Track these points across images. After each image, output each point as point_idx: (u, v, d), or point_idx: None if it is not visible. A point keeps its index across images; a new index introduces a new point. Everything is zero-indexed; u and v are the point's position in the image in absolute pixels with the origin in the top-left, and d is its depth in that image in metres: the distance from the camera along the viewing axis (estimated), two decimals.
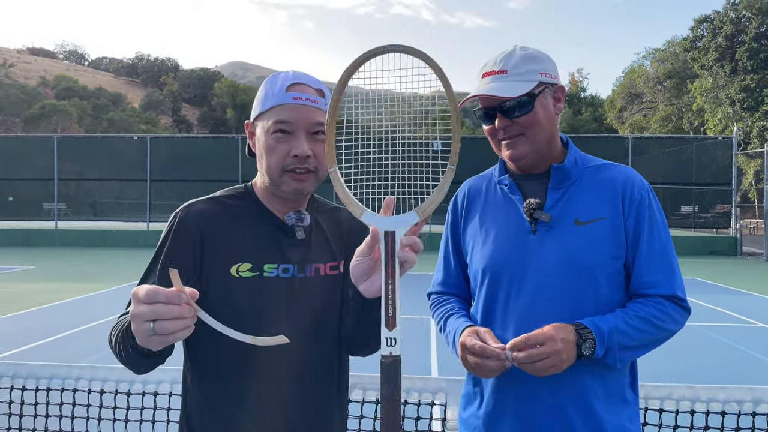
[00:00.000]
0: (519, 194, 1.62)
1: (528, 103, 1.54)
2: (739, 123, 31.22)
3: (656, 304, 1.52)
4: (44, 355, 6.56)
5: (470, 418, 1.66)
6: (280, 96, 1.41)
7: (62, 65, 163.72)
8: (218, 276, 1.39)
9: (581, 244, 1.52)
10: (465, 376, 1.73)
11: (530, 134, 1.56)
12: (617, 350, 1.45)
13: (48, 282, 12.28)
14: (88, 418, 2.38)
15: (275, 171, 1.41)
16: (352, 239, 1.62)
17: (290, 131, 1.40)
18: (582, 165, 1.63)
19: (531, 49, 1.61)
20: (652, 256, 1.54)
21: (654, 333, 1.50)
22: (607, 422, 1.51)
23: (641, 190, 1.57)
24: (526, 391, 1.53)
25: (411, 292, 10.15)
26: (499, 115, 1.57)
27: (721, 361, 6.72)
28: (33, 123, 72.14)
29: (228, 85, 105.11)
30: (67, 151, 23.40)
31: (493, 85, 1.55)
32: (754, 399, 2.08)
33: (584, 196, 1.57)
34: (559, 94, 1.61)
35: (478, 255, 1.65)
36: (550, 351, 1.38)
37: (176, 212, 1.46)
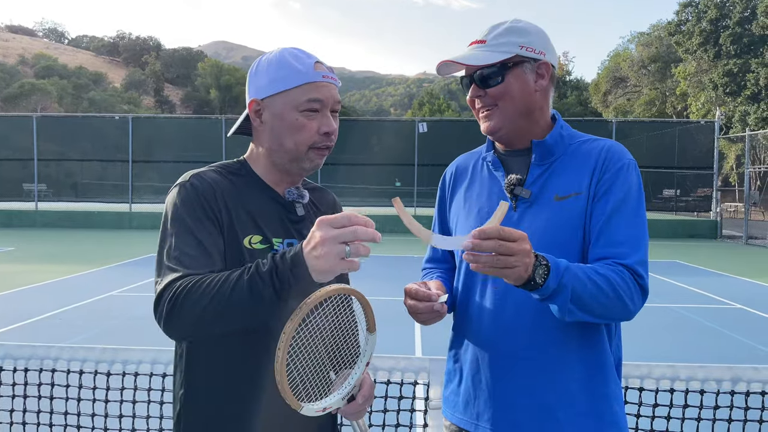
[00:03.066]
0: (502, 170, 1.61)
1: (498, 74, 1.52)
2: (722, 107, 31.49)
3: (618, 271, 1.41)
4: (24, 336, 6.49)
5: (450, 396, 1.67)
6: (312, 73, 1.40)
7: (41, 43, 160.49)
8: (233, 245, 1.37)
9: (558, 220, 1.50)
10: (447, 355, 1.73)
11: (502, 107, 1.54)
12: (569, 293, 1.34)
13: (28, 263, 12.13)
14: (68, 398, 2.35)
15: (303, 147, 1.41)
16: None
17: (319, 109, 1.41)
18: (568, 140, 1.59)
19: (523, 22, 1.57)
20: (620, 225, 1.46)
21: (609, 295, 1.38)
22: (586, 404, 1.49)
23: (618, 161, 1.51)
24: (502, 370, 1.52)
25: (395, 273, 10.25)
26: (473, 85, 1.57)
27: (701, 341, 6.83)
28: (12, 102, 70.78)
29: (212, 65, 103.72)
30: (47, 131, 23.03)
31: (467, 53, 1.55)
32: (732, 378, 2.11)
33: (566, 172, 1.55)
34: (542, 70, 1.55)
35: (460, 231, 1.64)
36: (519, 249, 1.26)
37: (183, 181, 1.38)
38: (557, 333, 1.48)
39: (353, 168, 22.45)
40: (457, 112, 74.61)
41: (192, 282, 1.20)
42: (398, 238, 18.87)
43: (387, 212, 21.20)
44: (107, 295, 8.83)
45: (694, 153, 22.18)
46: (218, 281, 1.19)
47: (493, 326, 1.53)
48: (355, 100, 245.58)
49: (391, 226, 20.58)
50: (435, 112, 70.96)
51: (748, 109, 33.51)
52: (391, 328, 7.25)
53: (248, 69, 1.53)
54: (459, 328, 1.65)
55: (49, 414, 2.37)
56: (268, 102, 1.42)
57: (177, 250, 1.29)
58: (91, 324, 7.17)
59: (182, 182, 1.39)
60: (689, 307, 8.59)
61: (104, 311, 7.87)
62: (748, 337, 7.01)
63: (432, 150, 21.07)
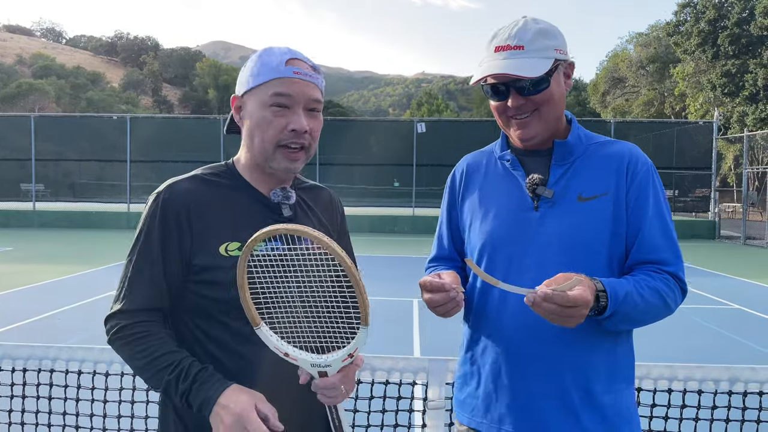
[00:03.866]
0: (521, 170, 1.58)
1: (544, 80, 1.49)
2: (720, 108, 31.50)
3: (665, 280, 1.48)
4: (23, 336, 6.48)
5: (467, 399, 1.63)
6: (280, 69, 1.38)
7: (39, 43, 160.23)
8: (207, 255, 1.37)
9: (584, 220, 1.49)
10: (459, 358, 1.70)
11: (543, 112, 1.52)
12: (620, 318, 1.41)
13: (26, 263, 12.11)
14: (66, 398, 2.35)
15: (269, 145, 1.39)
16: (343, 227, 1.65)
17: (289, 105, 1.38)
18: (586, 141, 1.59)
19: (542, 22, 1.54)
20: (658, 233, 1.50)
21: (659, 307, 1.47)
22: (607, 404, 1.49)
23: (645, 165, 1.54)
24: (524, 371, 1.50)
25: (394, 273, 10.21)
26: (513, 92, 1.51)
27: (699, 342, 6.84)
28: (9, 102, 70.64)
29: (210, 65, 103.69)
30: (44, 130, 22.97)
31: (511, 62, 1.48)
32: (730, 378, 2.11)
33: (588, 172, 1.54)
34: (569, 70, 1.57)
35: (477, 231, 1.60)
36: (578, 314, 1.32)
37: (158, 192, 1.42)
38: (582, 334, 1.45)
39: (352, 168, 22.43)
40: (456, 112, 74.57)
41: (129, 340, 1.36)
42: (397, 239, 18.86)
43: (384, 212, 21.23)
44: (105, 295, 8.82)
45: (692, 153, 22.20)
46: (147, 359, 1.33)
47: (515, 327, 1.50)
48: (353, 101, 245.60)
49: (389, 227, 20.60)
50: (433, 113, 70.96)
51: (746, 109, 33.55)
52: (389, 329, 7.25)
53: None
54: (476, 329, 1.62)
55: (48, 414, 2.37)
56: (246, 98, 1.43)
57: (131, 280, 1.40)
58: (90, 324, 7.15)
59: (156, 194, 1.42)
60: (687, 308, 8.60)
61: (102, 311, 7.80)
62: (746, 337, 7.03)
63: (430, 150, 21.07)
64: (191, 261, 1.38)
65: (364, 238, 16.32)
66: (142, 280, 1.38)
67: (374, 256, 13.03)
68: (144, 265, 1.39)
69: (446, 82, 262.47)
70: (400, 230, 20.54)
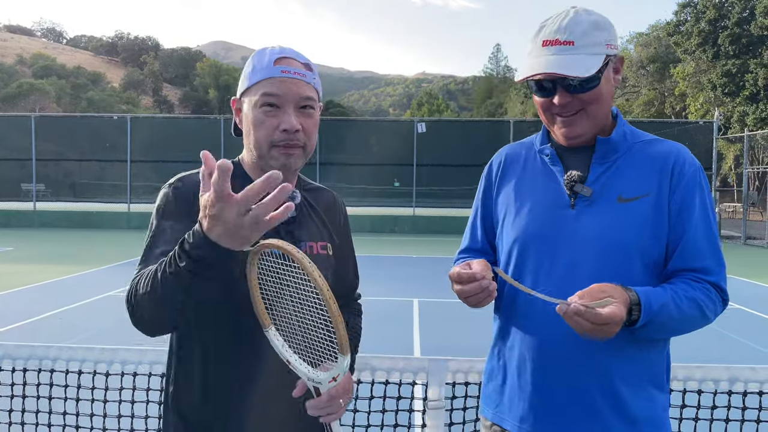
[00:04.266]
0: (560, 165, 1.52)
1: (594, 78, 1.41)
2: (721, 108, 31.49)
3: (705, 290, 1.42)
4: (23, 336, 6.49)
5: (492, 394, 1.61)
6: (269, 69, 1.39)
7: (40, 43, 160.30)
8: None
9: (622, 222, 1.43)
10: (489, 351, 1.66)
11: (591, 110, 1.45)
12: (654, 328, 1.37)
13: (27, 263, 12.11)
14: (66, 398, 2.35)
15: (264, 145, 1.40)
16: (346, 229, 1.65)
17: (279, 105, 1.38)
18: (631, 139, 1.52)
19: (595, 13, 1.45)
20: (702, 240, 1.43)
21: (696, 318, 1.42)
22: (637, 410, 1.44)
23: (692, 168, 1.47)
24: (550, 371, 1.46)
25: (394, 273, 10.20)
26: (560, 90, 1.44)
27: (699, 341, 6.82)
28: (10, 102, 70.66)
29: (210, 65, 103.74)
30: (45, 130, 22.97)
31: (560, 59, 1.40)
32: (730, 378, 2.11)
33: (630, 172, 1.47)
34: (619, 65, 1.49)
35: (510, 226, 1.56)
36: (609, 331, 1.29)
37: (170, 183, 1.43)
38: (611, 338, 1.39)
39: (352, 168, 22.42)
40: (456, 112, 74.56)
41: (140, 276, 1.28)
42: (397, 238, 18.87)
43: (384, 212, 21.22)
44: (106, 295, 8.82)
45: (692, 153, 21.92)
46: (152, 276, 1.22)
47: (542, 326, 1.46)
48: (354, 100, 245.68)
49: (390, 227, 20.60)
50: (434, 112, 70.97)
51: (746, 109, 33.54)
52: (389, 328, 7.25)
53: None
54: (505, 324, 1.58)
55: (48, 414, 2.37)
56: (243, 100, 1.45)
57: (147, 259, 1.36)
58: (90, 324, 7.16)
59: (168, 185, 1.43)
60: None
61: (103, 311, 7.86)
62: (746, 337, 7.03)
63: (431, 150, 21.06)
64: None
65: (364, 238, 16.32)
66: (156, 255, 1.35)
67: (375, 256, 13.02)
68: (161, 240, 1.37)
69: (447, 82, 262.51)
70: (400, 230, 20.53)
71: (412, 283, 10.06)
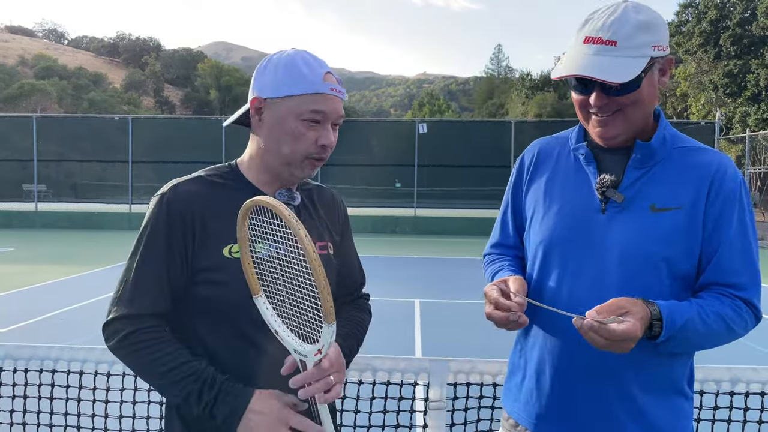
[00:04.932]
0: (594, 166, 1.46)
1: (635, 81, 1.34)
2: (722, 108, 31.47)
3: (734, 306, 1.38)
4: (25, 337, 6.49)
5: (513, 389, 1.59)
6: (319, 84, 1.38)
7: (41, 44, 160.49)
8: (212, 257, 1.37)
9: (654, 232, 1.37)
10: (513, 345, 1.65)
11: (629, 112, 1.38)
12: (676, 343, 1.34)
13: (28, 264, 12.12)
14: (68, 399, 2.35)
15: (299, 156, 1.41)
16: (346, 226, 1.65)
17: (321, 121, 1.40)
18: (671, 144, 1.45)
19: (644, 10, 1.37)
20: (737, 255, 1.38)
21: (722, 334, 1.38)
22: (657, 417, 1.41)
23: (733, 181, 1.40)
24: (568, 373, 1.44)
25: (396, 274, 10.19)
26: (597, 91, 1.37)
27: None
28: (11, 103, 70.73)
29: (212, 65, 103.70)
30: (46, 131, 22.99)
31: (600, 60, 1.33)
32: (731, 378, 2.11)
33: (666, 180, 1.40)
34: (666, 66, 1.42)
35: (538, 226, 1.51)
36: (625, 347, 1.27)
37: (162, 193, 1.41)
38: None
39: (353, 168, 22.42)
40: (457, 112, 74.57)
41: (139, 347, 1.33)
42: (398, 239, 18.86)
43: (385, 213, 21.21)
44: (107, 295, 8.80)
45: None
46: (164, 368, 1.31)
47: (563, 328, 1.40)
48: (355, 101, 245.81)
49: (391, 227, 20.59)
50: (435, 113, 70.96)
51: (748, 110, 33.51)
52: (391, 329, 7.25)
53: (248, 70, 1.52)
54: (529, 323, 1.51)
55: (49, 415, 2.37)
56: (271, 103, 1.41)
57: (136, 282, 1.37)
58: (92, 325, 7.15)
59: (160, 195, 1.41)
60: None
61: (104, 312, 7.84)
62: (747, 337, 6.94)
63: (432, 151, 21.05)
64: (194, 263, 1.38)
65: (365, 238, 16.31)
66: (147, 282, 1.37)
67: (376, 257, 13.01)
68: (148, 267, 1.37)
69: (448, 83, 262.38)
70: (401, 231, 20.53)
71: (413, 284, 10.08)
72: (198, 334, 1.40)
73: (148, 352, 1.32)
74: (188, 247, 1.37)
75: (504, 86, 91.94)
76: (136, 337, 1.33)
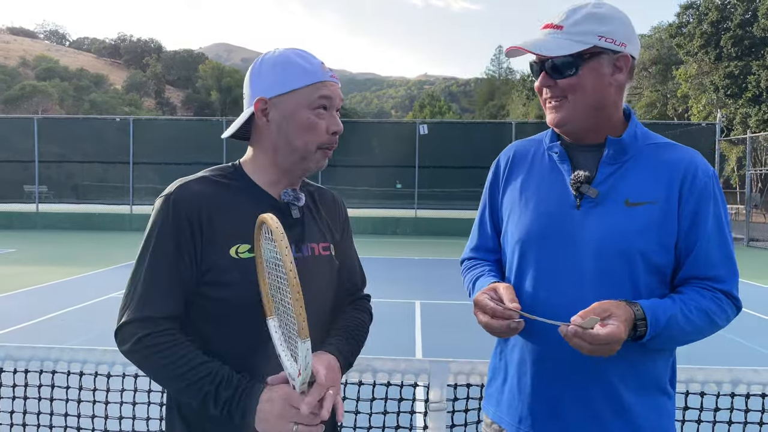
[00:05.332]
0: (568, 164, 1.50)
1: (572, 65, 1.40)
2: (723, 109, 31.47)
3: (716, 299, 1.41)
4: (25, 338, 6.50)
5: (494, 393, 1.60)
6: (320, 73, 1.42)
7: (42, 45, 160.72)
8: (218, 257, 1.37)
9: (628, 226, 1.40)
10: (493, 349, 1.65)
11: (572, 100, 1.43)
12: (662, 341, 1.36)
13: (29, 265, 12.13)
14: (68, 400, 2.35)
15: (312, 146, 1.43)
16: (346, 227, 1.66)
17: (328, 107, 1.43)
18: (642, 141, 1.49)
19: (606, 6, 1.44)
20: (715, 248, 1.42)
21: (706, 327, 1.41)
22: (641, 416, 1.42)
23: (705, 176, 1.43)
24: (549, 374, 1.45)
25: (396, 275, 10.19)
26: (543, 73, 1.45)
27: (701, 343, 6.79)
28: (13, 104, 70.83)
29: (212, 67, 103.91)
30: (48, 132, 23.01)
31: (542, 40, 1.42)
32: (732, 380, 2.11)
33: (639, 176, 1.44)
34: (621, 62, 1.44)
35: (514, 225, 1.54)
36: (610, 350, 1.29)
37: (168, 194, 1.40)
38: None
39: (354, 170, 22.42)
40: (458, 114, 74.57)
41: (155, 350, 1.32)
42: (399, 240, 18.86)
43: (386, 214, 21.22)
44: (108, 296, 8.83)
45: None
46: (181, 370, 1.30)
47: (544, 327, 1.41)
48: (356, 102, 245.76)
49: (391, 229, 20.59)
50: (436, 114, 70.98)
51: (749, 111, 33.48)
52: (391, 330, 7.25)
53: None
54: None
55: (50, 415, 2.37)
56: (276, 101, 1.41)
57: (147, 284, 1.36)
58: (92, 326, 7.17)
59: (166, 196, 1.40)
60: None
61: (105, 313, 7.87)
62: (749, 339, 7.01)
63: (433, 152, 21.05)
64: (202, 263, 1.37)
65: (366, 239, 16.32)
66: (158, 284, 1.35)
67: (376, 258, 13.01)
68: (158, 268, 1.36)
69: (448, 84, 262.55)
70: (402, 232, 20.53)
71: (413, 285, 10.09)
72: (203, 334, 1.40)
73: (162, 355, 1.31)
74: (196, 246, 1.37)
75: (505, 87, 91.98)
76: (150, 340, 1.32)
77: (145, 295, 1.35)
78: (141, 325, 1.33)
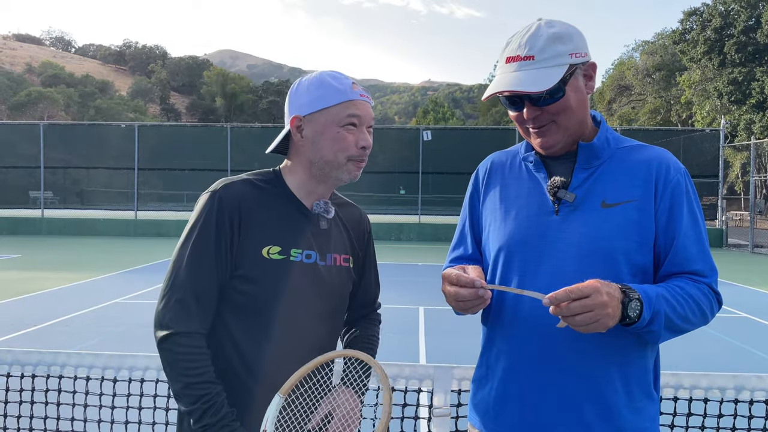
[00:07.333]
0: (544, 172, 1.53)
1: (558, 90, 1.42)
2: (727, 116, 31.43)
3: (699, 287, 1.43)
4: (31, 343, 6.52)
5: (480, 403, 1.60)
6: (350, 92, 1.53)
7: (48, 52, 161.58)
8: (251, 255, 1.48)
9: (607, 227, 1.42)
10: (477, 359, 1.66)
11: (562, 121, 1.46)
12: (663, 320, 1.34)
13: (35, 271, 12.18)
14: (74, 404, 2.37)
15: (342, 158, 1.52)
16: (368, 243, 1.77)
17: (357, 125, 1.53)
18: (614, 145, 1.52)
19: (558, 25, 1.46)
20: (692, 243, 1.44)
21: (696, 313, 1.40)
22: (627, 420, 1.43)
23: (677, 173, 1.47)
24: (536, 380, 1.45)
25: (400, 281, 10.18)
26: (527, 104, 1.46)
27: (705, 349, 6.80)
28: (19, 110, 71.22)
29: (217, 73, 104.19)
30: (53, 138, 23.14)
31: (520, 75, 1.42)
32: (736, 386, 2.11)
33: (614, 177, 1.47)
34: (590, 71, 1.49)
35: (495, 233, 1.56)
36: (593, 303, 1.25)
37: (214, 190, 1.50)
38: (599, 344, 1.40)
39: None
40: (462, 120, 74.57)
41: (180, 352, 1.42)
42: (402, 246, 18.86)
43: (390, 220, 21.23)
44: (113, 302, 8.86)
45: (699, 161, 22.11)
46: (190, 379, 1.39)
47: (529, 333, 1.45)
48: None
49: (395, 234, 20.60)
50: (439, 120, 71.04)
51: (753, 117, 33.44)
52: (395, 336, 7.25)
53: (253, 77, 1.59)
54: (491, 333, 1.57)
55: (56, 420, 2.39)
56: (310, 118, 1.53)
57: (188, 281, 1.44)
58: (98, 331, 7.19)
59: (212, 192, 1.50)
60: None
61: (110, 318, 7.90)
62: (753, 345, 6.98)
63: (436, 158, 21.09)
64: (236, 257, 1.47)
65: None
66: (199, 282, 1.44)
67: (380, 264, 12.93)
68: (201, 258, 1.45)
69: (452, 90, 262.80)
70: (405, 238, 20.53)
71: (417, 291, 10.07)
72: (228, 328, 1.49)
73: (184, 360, 1.41)
74: (234, 241, 1.47)
75: None
76: (182, 340, 1.42)
77: (185, 292, 1.44)
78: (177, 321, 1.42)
